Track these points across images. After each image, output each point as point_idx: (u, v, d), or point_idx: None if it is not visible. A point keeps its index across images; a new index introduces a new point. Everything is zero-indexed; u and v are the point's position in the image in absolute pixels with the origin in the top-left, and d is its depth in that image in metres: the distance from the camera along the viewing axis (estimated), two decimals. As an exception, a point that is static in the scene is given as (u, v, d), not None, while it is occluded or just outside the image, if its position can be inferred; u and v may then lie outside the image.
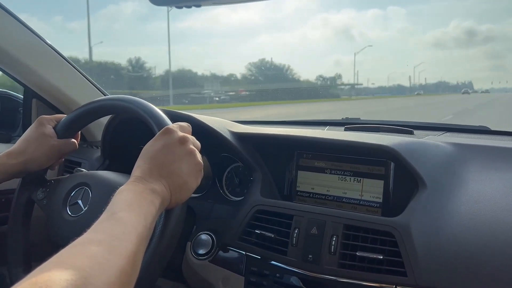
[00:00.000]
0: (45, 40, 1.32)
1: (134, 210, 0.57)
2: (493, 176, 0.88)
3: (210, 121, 1.09)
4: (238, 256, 0.97)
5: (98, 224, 0.53)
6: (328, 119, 1.55)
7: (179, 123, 0.75)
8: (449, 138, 1.14)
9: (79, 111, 0.93)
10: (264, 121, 1.60)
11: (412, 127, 1.26)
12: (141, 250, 0.54)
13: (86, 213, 0.85)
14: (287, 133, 1.07)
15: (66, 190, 0.90)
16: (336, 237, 0.84)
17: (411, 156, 0.89)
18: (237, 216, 0.99)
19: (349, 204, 0.97)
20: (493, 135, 1.22)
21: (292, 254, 0.88)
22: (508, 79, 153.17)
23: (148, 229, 0.57)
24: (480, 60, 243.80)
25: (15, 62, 1.26)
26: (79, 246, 0.48)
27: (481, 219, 0.77)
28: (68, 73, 1.41)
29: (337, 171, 0.99)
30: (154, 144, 0.69)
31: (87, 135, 1.51)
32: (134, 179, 0.64)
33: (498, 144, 1.01)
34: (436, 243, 0.76)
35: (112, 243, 0.49)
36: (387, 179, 0.93)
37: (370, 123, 1.41)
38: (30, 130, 0.91)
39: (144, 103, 0.84)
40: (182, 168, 0.68)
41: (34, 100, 1.45)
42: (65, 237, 0.86)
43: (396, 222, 0.81)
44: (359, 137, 0.99)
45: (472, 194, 0.83)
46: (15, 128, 1.59)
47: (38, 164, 0.90)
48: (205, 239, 1.01)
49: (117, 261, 0.47)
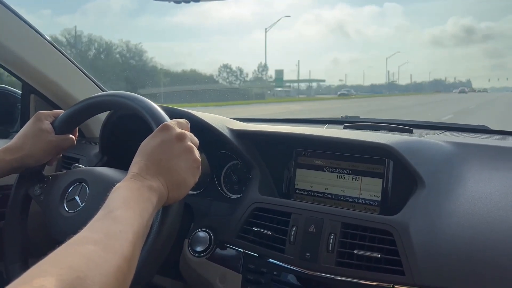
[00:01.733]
0: (43, 35, 1.31)
1: (130, 208, 0.56)
2: (492, 175, 0.88)
3: (209, 118, 1.08)
4: (236, 253, 0.97)
5: (95, 222, 0.53)
6: (328, 117, 1.55)
7: (177, 120, 0.75)
8: (449, 137, 1.13)
9: (77, 106, 0.92)
10: (263, 119, 1.60)
11: (412, 125, 1.25)
12: (138, 248, 0.54)
13: (83, 209, 0.84)
14: (286, 130, 1.07)
15: (63, 186, 0.90)
16: (334, 235, 0.84)
17: (410, 155, 0.89)
18: (235, 213, 0.99)
19: (347, 202, 0.96)
20: (493, 135, 1.22)
21: (290, 252, 0.88)
22: (509, 77, 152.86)
23: (144, 227, 0.57)
24: (479, 59, 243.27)
25: (13, 57, 1.26)
26: (75, 245, 0.48)
27: (480, 218, 0.77)
28: (66, 69, 1.41)
29: (336, 169, 0.99)
30: (151, 141, 0.69)
31: (85, 131, 1.50)
32: (131, 175, 0.63)
33: (498, 143, 1.01)
34: (434, 242, 0.75)
35: (108, 242, 0.49)
36: (386, 177, 0.93)
37: (370, 121, 1.41)
38: (27, 126, 0.90)
39: (142, 99, 0.84)
40: (180, 165, 0.68)
41: (32, 96, 1.45)
42: (62, 233, 0.85)
43: (394, 221, 0.80)
44: (358, 135, 0.99)
45: (471, 193, 0.83)
46: (13, 124, 1.59)
47: (35, 160, 0.90)
48: (203, 236, 1.00)
49: (113, 260, 0.47)
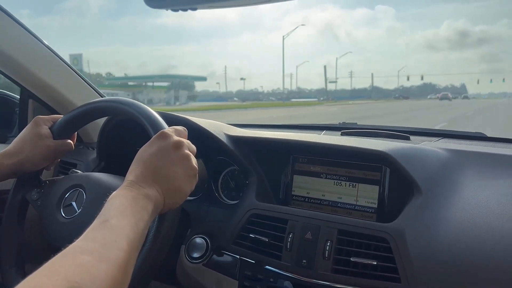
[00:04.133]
0: (42, 41, 1.31)
1: (126, 217, 0.57)
2: (489, 183, 0.88)
3: (206, 124, 1.09)
4: (232, 260, 0.96)
5: (90, 231, 0.54)
6: (325, 123, 1.56)
7: (175, 127, 0.75)
8: (445, 144, 1.14)
9: (76, 111, 0.93)
10: (260, 125, 1.60)
11: (409, 132, 1.26)
12: (133, 257, 0.55)
13: (80, 215, 0.84)
14: (283, 137, 1.07)
15: (60, 192, 0.90)
16: (330, 242, 0.84)
17: (407, 162, 0.89)
18: (232, 219, 0.99)
19: (344, 209, 0.97)
20: (490, 142, 1.22)
21: (286, 259, 0.88)
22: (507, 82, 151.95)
23: (140, 236, 0.58)
24: (475, 63, 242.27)
25: (12, 62, 1.26)
26: (70, 255, 0.48)
27: (476, 226, 0.77)
28: (65, 74, 1.41)
29: (333, 176, 0.99)
30: (148, 149, 0.69)
31: (83, 136, 1.50)
32: (128, 183, 0.64)
33: (494, 151, 1.01)
34: (430, 250, 0.75)
35: (103, 252, 0.50)
36: (383, 184, 0.93)
37: (367, 128, 1.41)
38: (26, 130, 0.90)
39: (141, 105, 0.84)
40: (177, 173, 0.68)
41: (30, 101, 1.45)
42: (58, 239, 0.85)
43: (390, 228, 0.81)
44: (355, 142, 0.99)
45: (467, 201, 0.83)
46: (11, 129, 1.59)
47: (33, 165, 0.90)
48: (200, 242, 1.00)
49: (108, 270, 0.48)
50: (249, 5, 0.61)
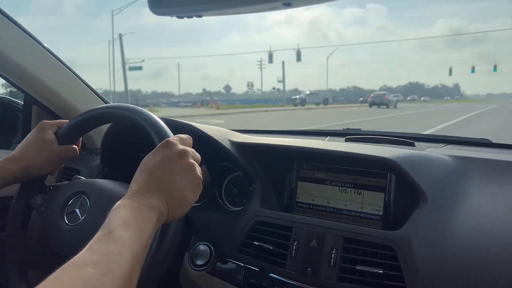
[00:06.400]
0: (45, 46, 1.32)
1: (130, 228, 0.56)
2: (495, 190, 0.87)
3: (210, 130, 1.08)
4: (236, 267, 0.96)
5: (94, 242, 0.53)
6: (330, 129, 1.55)
7: (180, 136, 0.74)
8: (451, 150, 1.13)
9: (81, 117, 0.93)
10: (264, 130, 1.60)
11: (414, 138, 1.25)
12: (137, 269, 0.55)
13: (83, 222, 0.84)
14: (287, 143, 1.06)
15: (64, 198, 0.89)
16: (336, 250, 0.83)
17: (412, 169, 0.88)
18: (236, 227, 0.98)
19: (349, 217, 0.96)
20: (496, 148, 1.21)
21: (291, 267, 0.87)
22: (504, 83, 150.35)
23: (144, 247, 0.58)
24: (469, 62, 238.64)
25: (15, 68, 1.26)
26: (74, 268, 0.48)
27: (483, 234, 0.76)
28: (68, 80, 1.41)
29: (338, 183, 0.98)
30: (153, 158, 0.69)
31: (87, 142, 1.50)
32: (131, 193, 0.63)
33: (501, 157, 1.00)
34: (437, 258, 0.74)
35: (107, 264, 0.50)
36: (388, 191, 0.92)
37: (372, 134, 1.41)
38: (31, 135, 0.90)
39: (146, 113, 0.84)
40: (181, 182, 0.68)
41: (34, 107, 1.45)
42: (61, 246, 0.85)
43: (396, 236, 0.80)
44: (360, 149, 0.98)
45: (474, 208, 0.82)
46: (14, 135, 1.59)
47: (38, 170, 0.89)
48: (203, 249, 1.00)
49: (113, 283, 0.48)
50: (255, 12, 0.60)
